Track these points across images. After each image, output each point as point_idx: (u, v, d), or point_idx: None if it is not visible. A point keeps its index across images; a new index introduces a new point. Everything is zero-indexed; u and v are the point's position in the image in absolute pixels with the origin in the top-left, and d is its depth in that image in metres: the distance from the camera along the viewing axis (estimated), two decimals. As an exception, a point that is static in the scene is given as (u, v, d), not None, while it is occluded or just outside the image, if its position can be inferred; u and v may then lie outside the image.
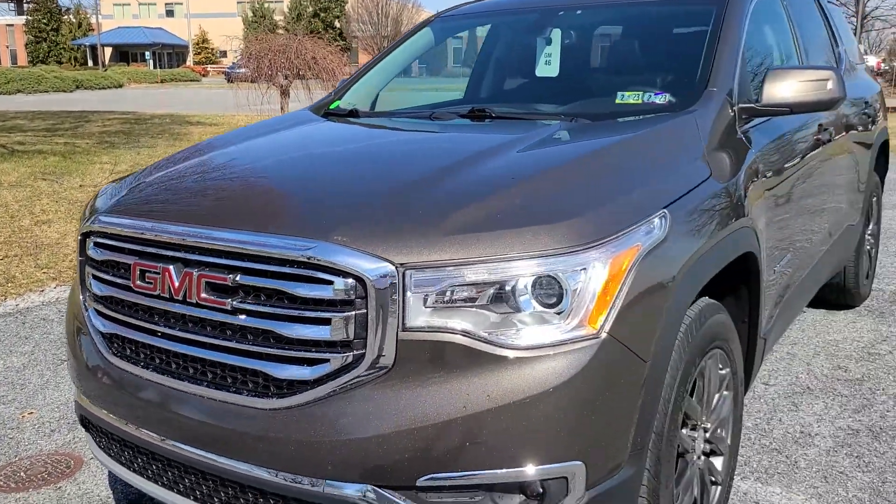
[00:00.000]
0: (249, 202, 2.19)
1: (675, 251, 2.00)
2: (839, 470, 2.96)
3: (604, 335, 1.80)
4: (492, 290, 1.80)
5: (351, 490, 1.79)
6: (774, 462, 3.01)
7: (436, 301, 1.78)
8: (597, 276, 1.82)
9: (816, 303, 4.75)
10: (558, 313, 1.80)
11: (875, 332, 4.39)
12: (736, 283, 2.60)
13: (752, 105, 2.73)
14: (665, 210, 2.02)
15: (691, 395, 2.30)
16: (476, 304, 1.79)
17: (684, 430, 2.28)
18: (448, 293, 1.78)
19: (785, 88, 2.70)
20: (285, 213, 2.07)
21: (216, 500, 2.01)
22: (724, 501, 2.53)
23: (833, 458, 3.04)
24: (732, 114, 2.66)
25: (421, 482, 1.75)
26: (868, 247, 4.81)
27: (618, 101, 2.80)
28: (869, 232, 4.80)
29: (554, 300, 1.81)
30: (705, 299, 2.30)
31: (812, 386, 3.69)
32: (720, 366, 2.43)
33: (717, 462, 2.50)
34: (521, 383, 1.75)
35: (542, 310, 1.81)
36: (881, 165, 4.88)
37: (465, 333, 1.76)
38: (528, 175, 2.10)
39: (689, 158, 2.33)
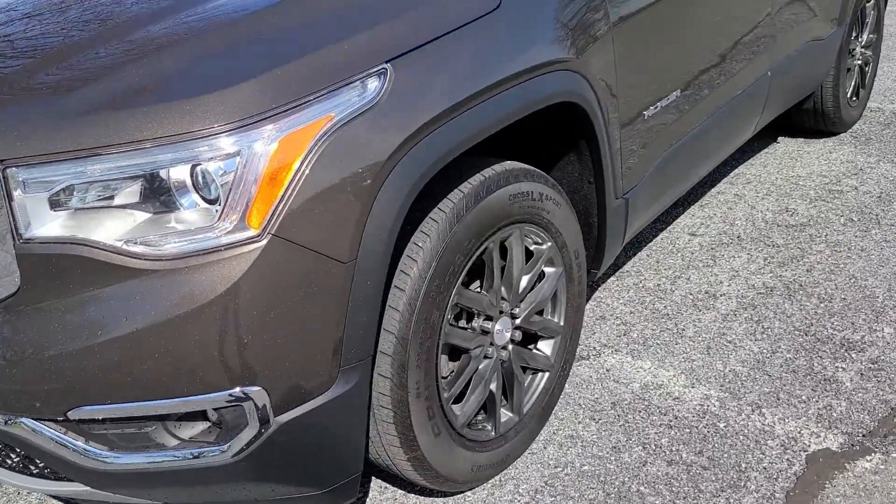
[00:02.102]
0: None
1: (400, 116, 1.57)
2: (729, 339, 2.60)
3: (269, 237, 1.44)
4: (134, 186, 1.45)
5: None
6: (659, 331, 2.67)
7: (61, 204, 1.45)
8: (257, 160, 1.43)
9: (793, 130, 4.17)
10: (217, 212, 1.45)
11: (849, 163, 3.82)
12: (574, 135, 2.15)
13: None
14: (387, 64, 1.57)
15: (476, 281, 1.95)
16: (115, 203, 1.45)
17: (465, 323, 1.95)
18: (75, 193, 1.45)
19: None
20: None
21: None
22: (559, 387, 2.23)
23: (727, 325, 2.66)
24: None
25: (71, 415, 1.51)
26: (859, 61, 4.10)
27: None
28: (862, 44, 4.08)
29: (216, 195, 1.46)
30: (500, 165, 1.88)
31: (745, 234, 3.24)
32: (537, 240, 2.04)
33: (545, 346, 2.18)
34: (165, 301, 1.43)
35: (205, 206, 1.46)
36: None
37: (94, 244, 1.44)
38: (190, 34, 1.63)
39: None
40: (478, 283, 1.97)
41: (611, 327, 2.71)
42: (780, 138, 4.19)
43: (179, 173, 1.45)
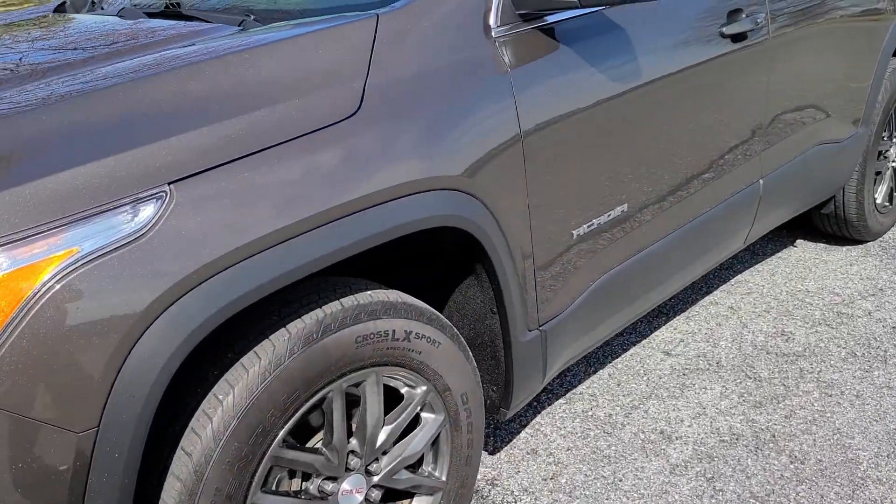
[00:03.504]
0: None
1: (179, 252, 1.27)
2: (670, 500, 2.19)
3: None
4: None
5: None
6: (592, 478, 2.27)
7: None
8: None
9: (815, 233, 3.72)
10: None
11: (869, 281, 3.35)
12: (470, 259, 1.83)
13: (523, -9, 1.83)
14: (168, 187, 1.29)
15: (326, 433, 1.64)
16: None
17: (296, 481, 1.63)
18: None
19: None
20: None
21: None
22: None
23: (674, 480, 2.25)
24: (481, 6, 1.79)
25: None
26: (894, 164, 3.64)
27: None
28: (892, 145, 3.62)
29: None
30: (350, 298, 1.57)
31: (726, 360, 2.82)
32: (409, 383, 1.72)
33: (421, 504, 1.83)
34: None
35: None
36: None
37: None
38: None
39: (314, 85, 1.52)
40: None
41: (539, 466, 2.33)
42: (798, 242, 3.75)
43: None
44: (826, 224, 3.61)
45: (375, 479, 1.70)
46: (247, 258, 1.32)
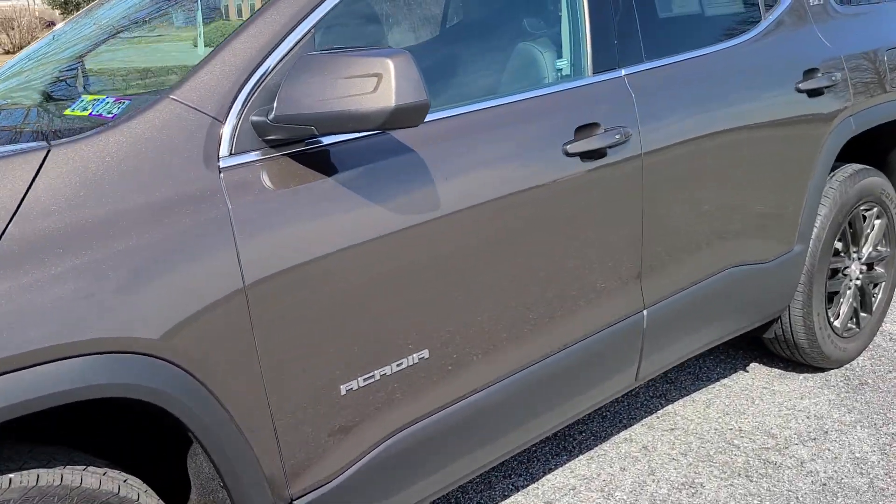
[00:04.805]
0: None
1: None
2: None
3: None
4: None
5: None
6: None
7: None
8: None
9: (774, 357, 3.31)
10: None
11: (815, 420, 2.89)
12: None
13: (264, 120, 1.59)
14: None
15: None
16: None
17: None
18: None
19: (314, 88, 1.54)
20: None
21: None
22: None
23: None
24: (209, 136, 1.56)
25: None
26: (857, 282, 3.21)
27: (68, 111, 1.77)
28: (862, 260, 3.19)
29: None
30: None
31: (613, 518, 2.42)
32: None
33: None
34: None
35: None
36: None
37: None
38: None
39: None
40: None
41: None
42: (752, 366, 3.32)
43: None
44: (778, 348, 3.19)
45: None
46: None
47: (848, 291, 3.19)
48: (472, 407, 1.98)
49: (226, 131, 1.58)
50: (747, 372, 3.28)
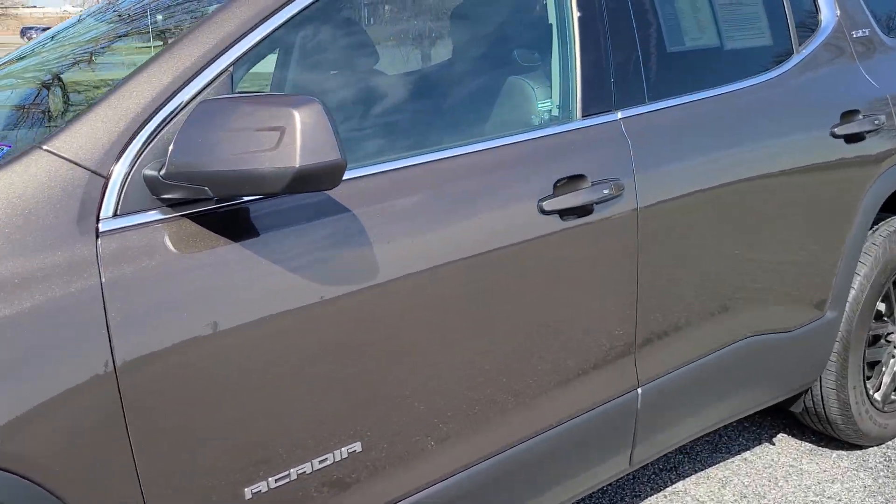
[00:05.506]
0: None
1: None
2: None
3: None
4: None
5: None
6: None
7: None
8: None
9: (804, 429, 2.94)
10: None
11: (847, 510, 2.52)
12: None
13: (156, 176, 1.34)
14: None
15: None
16: None
17: None
18: None
19: (209, 140, 1.29)
20: None
21: None
22: None
23: None
24: (87, 193, 1.32)
25: None
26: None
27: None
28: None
29: None
30: None
31: None
32: None
33: None
34: None
35: None
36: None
37: None
38: None
39: None
40: None
41: None
42: (779, 437, 2.95)
43: None
44: (809, 421, 2.83)
45: None
46: None
47: (891, 360, 2.81)
48: (423, 501, 1.70)
49: (110, 188, 1.34)
50: (773, 445, 2.92)
